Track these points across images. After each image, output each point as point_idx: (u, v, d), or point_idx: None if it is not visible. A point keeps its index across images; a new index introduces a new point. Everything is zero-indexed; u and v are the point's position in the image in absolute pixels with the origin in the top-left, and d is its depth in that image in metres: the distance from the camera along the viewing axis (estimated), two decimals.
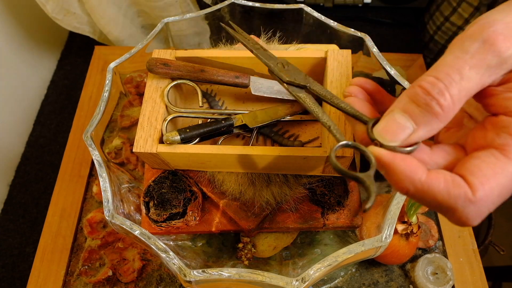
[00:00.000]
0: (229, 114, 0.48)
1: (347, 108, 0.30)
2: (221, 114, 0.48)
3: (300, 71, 0.35)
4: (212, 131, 0.45)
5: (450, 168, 0.26)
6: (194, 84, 0.49)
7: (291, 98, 0.49)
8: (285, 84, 0.35)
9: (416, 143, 0.25)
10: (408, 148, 0.25)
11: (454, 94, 0.23)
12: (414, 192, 0.25)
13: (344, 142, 0.29)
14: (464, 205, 0.23)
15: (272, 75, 0.36)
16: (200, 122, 0.48)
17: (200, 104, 0.48)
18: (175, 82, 0.48)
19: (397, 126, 0.25)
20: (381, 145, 0.26)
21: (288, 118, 0.49)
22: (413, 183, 0.24)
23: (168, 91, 0.47)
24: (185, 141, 0.44)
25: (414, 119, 0.24)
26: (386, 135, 0.25)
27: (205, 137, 0.47)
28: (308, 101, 0.33)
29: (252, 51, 0.38)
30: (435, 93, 0.23)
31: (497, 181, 0.23)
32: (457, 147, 0.28)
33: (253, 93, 0.48)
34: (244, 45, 0.39)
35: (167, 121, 0.45)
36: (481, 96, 0.26)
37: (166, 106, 0.47)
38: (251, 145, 0.49)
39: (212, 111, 0.48)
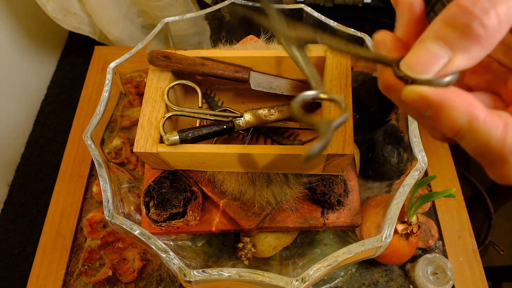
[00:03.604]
0: (228, 116, 0.48)
1: (367, 53, 0.26)
2: (220, 115, 0.48)
3: (308, 28, 0.32)
4: (213, 134, 0.46)
5: None
6: (194, 85, 0.49)
7: (290, 94, 0.50)
8: (282, 41, 0.32)
9: (453, 73, 0.22)
10: (447, 79, 0.21)
11: (501, 12, 0.19)
12: (467, 131, 0.21)
13: (314, 92, 0.27)
14: None
15: (277, 33, 0.32)
16: (198, 122, 0.48)
17: (200, 105, 0.48)
18: (175, 83, 0.48)
19: (429, 55, 0.21)
20: (412, 82, 0.22)
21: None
22: (471, 119, 0.21)
23: (169, 90, 0.47)
24: (184, 142, 0.44)
25: (450, 45, 0.21)
26: (416, 67, 0.21)
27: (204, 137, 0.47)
28: (301, 59, 0.31)
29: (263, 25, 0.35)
30: (477, 11, 0.19)
31: None
32: (493, 95, 0.25)
33: (252, 87, 0.48)
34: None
35: (165, 118, 0.45)
36: None
37: (166, 106, 0.47)
38: (247, 143, 0.49)
39: (210, 112, 0.48)
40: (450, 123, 0.21)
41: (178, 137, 0.43)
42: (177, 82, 0.48)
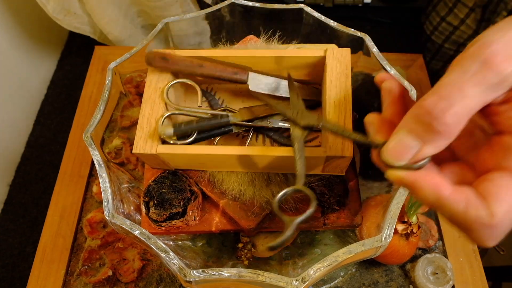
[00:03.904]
0: (223, 115, 0.48)
1: (358, 137, 0.33)
2: (217, 114, 0.48)
3: (313, 114, 0.40)
4: (208, 127, 0.46)
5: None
6: (194, 83, 0.49)
7: (289, 95, 0.50)
8: (291, 129, 0.40)
9: (423, 160, 0.26)
10: (419, 164, 0.26)
11: (457, 112, 0.23)
12: (437, 206, 0.26)
13: (290, 189, 0.34)
14: (481, 228, 0.24)
15: (289, 121, 0.41)
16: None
17: (199, 104, 0.48)
18: (175, 81, 0.48)
19: (403, 146, 0.26)
20: (391, 167, 0.27)
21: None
22: (438, 197, 0.25)
23: (168, 89, 0.47)
24: (179, 135, 0.44)
25: (420, 137, 0.25)
26: (393, 156, 0.26)
27: (203, 136, 0.47)
28: (297, 147, 0.38)
29: (272, 106, 0.44)
30: (437, 112, 0.24)
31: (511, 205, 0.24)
32: (464, 166, 0.29)
33: (251, 89, 0.48)
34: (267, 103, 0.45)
35: (164, 116, 0.45)
36: (486, 114, 0.26)
37: (166, 106, 0.47)
38: (248, 144, 0.49)
39: (210, 111, 0.48)
40: (423, 199, 0.26)
41: (172, 130, 0.43)
42: (177, 80, 0.48)
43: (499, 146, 0.26)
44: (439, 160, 0.28)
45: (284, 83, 0.50)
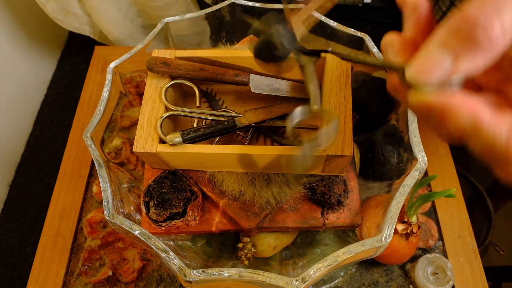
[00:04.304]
0: (227, 116, 0.48)
1: (375, 61, 0.28)
2: (219, 115, 0.48)
3: (320, 38, 0.34)
4: (214, 133, 0.46)
5: None
6: (192, 84, 0.49)
7: (290, 95, 0.50)
8: (296, 57, 0.34)
9: (458, 79, 0.22)
10: (452, 84, 0.22)
11: (505, 20, 0.19)
12: (472, 134, 0.21)
13: (304, 108, 0.29)
14: None
15: (296, 51, 0.34)
16: (195, 122, 0.48)
17: (198, 105, 0.48)
18: (173, 82, 0.48)
19: (433, 63, 0.21)
20: (416, 88, 0.23)
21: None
22: (475, 123, 0.21)
23: (166, 89, 0.47)
24: (187, 142, 0.44)
25: (454, 53, 0.21)
26: (420, 73, 0.22)
27: (203, 136, 0.47)
28: (307, 71, 0.33)
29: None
30: (481, 20, 0.20)
31: None
32: (501, 96, 0.25)
33: (252, 90, 0.48)
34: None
35: (163, 117, 0.45)
36: None
37: (166, 107, 0.47)
38: (247, 144, 0.49)
39: (210, 112, 0.48)
40: (455, 127, 0.22)
41: (180, 138, 0.43)
42: (174, 81, 0.48)
43: None
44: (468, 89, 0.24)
45: (285, 83, 0.50)
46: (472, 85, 0.22)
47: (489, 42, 0.20)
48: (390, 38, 0.26)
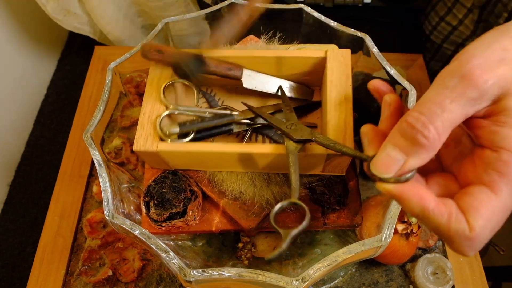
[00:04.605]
0: (226, 114, 0.48)
1: (349, 151, 0.35)
2: (217, 113, 0.48)
3: (306, 128, 0.41)
4: (212, 125, 0.46)
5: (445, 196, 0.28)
6: (190, 83, 0.49)
7: (283, 94, 0.50)
8: (285, 143, 0.42)
9: (410, 171, 0.27)
10: (405, 176, 0.27)
11: (437, 126, 0.25)
12: (422, 217, 0.27)
13: (285, 202, 0.36)
14: (461, 240, 0.26)
15: (284, 136, 0.42)
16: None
17: (196, 103, 0.48)
18: (171, 81, 0.48)
19: (389, 159, 0.27)
20: (379, 179, 0.28)
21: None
22: (423, 209, 0.26)
23: (165, 88, 0.47)
24: (184, 133, 0.45)
25: (405, 151, 0.26)
26: (380, 169, 0.28)
27: (203, 134, 0.47)
28: (291, 160, 0.39)
29: (266, 120, 0.45)
30: (419, 127, 0.25)
31: (490, 219, 0.25)
32: (448, 177, 0.30)
33: (244, 86, 0.48)
34: (259, 115, 0.47)
35: (162, 116, 0.45)
36: (469, 126, 0.28)
37: (165, 105, 0.47)
38: (245, 142, 0.49)
39: (210, 109, 0.48)
40: (409, 210, 0.27)
41: (178, 128, 0.44)
42: (173, 80, 0.48)
43: (481, 160, 0.27)
44: (427, 171, 0.30)
45: (278, 81, 0.50)
46: (433, 162, 0.28)
47: (428, 142, 0.25)
48: (366, 129, 0.32)
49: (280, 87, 0.50)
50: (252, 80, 0.48)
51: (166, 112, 0.45)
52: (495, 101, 0.25)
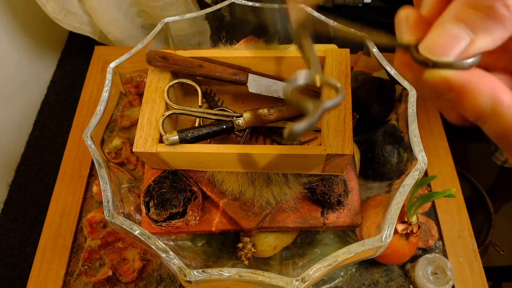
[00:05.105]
0: (228, 116, 0.48)
1: (381, 39, 0.26)
2: (219, 114, 0.48)
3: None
4: (212, 134, 0.46)
5: None
6: (194, 84, 0.49)
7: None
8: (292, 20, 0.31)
9: (475, 55, 0.21)
10: (469, 61, 0.21)
11: None
12: (490, 115, 0.21)
13: (308, 71, 0.26)
14: None
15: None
16: (197, 121, 0.48)
17: (200, 104, 0.48)
18: (176, 81, 0.48)
19: (450, 37, 0.21)
20: (433, 65, 0.21)
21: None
22: (495, 103, 0.20)
23: (169, 89, 0.47)
24: (184, 142, 0.44)
25: (472, 26, 0.20)
26: (437, 50, 0.21)
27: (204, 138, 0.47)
28: (306, 42, 0.30)
29: None
30: None
31: None
32: (511, 77, 0.24)
33: (250, 90, 0.48)
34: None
35: (164, 116, 0.45)
36: None
37: (166, 105, 0.47)
38: (242, 143, 0.49)
39: (210, 111, 0.48)
40: (473, 106, 0.21)
41: (177, 137, 0.43)
42: (178, 80, 0.48)
43: None
44: (489, 67, 0.24)
45: (283, 85, 0.50)
46: (480, 66, 0.22)
47: (509, 14, 0.19)
48: (406, 13, 0.24)
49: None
50: (257, 84, 0.48)
51: (169, 113, 0.45)
52: None
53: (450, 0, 0.23)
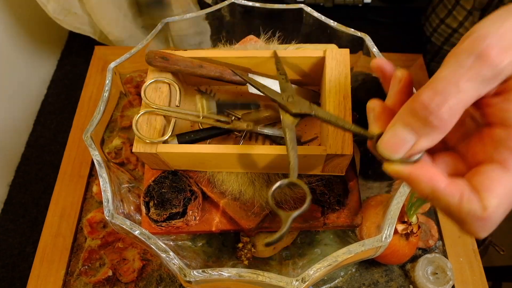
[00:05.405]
0: (227, 115, 0.47)
1: (352, 128, 0.33)
2: (188, 114, 0.47)
3: (305, 101, 0.38)
4: (210, 136, 0.46)
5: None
6: (173, 82, 0.48)
7: None
8: (281, 116, 0.38)
9: (418, 153, 0.26)
10: (415, 157, 0.26)
11: (451, 106, 0.24)
12: (432, 198, 0.26)
13: (285, 181, 0.33)
14: (473, 220, 0.25)
15: (280, 109, 0.39)
16: (173, 120, 0.47)
17: (177, 104, 0.47)
18: (153, 80, 0.47)
19: (399, 140, 0.26)
20: (387, 160, 0.27)
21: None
22: (433, 189, 0.26)
23: (146, 86, 0.46)
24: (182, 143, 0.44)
25: (415, 131, 0.25)
26: (389, 149, 0.27)
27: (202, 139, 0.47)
28: (288, 137, 0.36)
29: (259, 90, 0.41)
30: (433, 107, 0.24)
31: (503, 197, 0.24)
32: (455, 156, 0.29)
33: (250, 91, 0.48)
34: (252, 85, 0.43)
35: (139, 115, 0.44)
36: (478, 105, 0.27)
37: (145, 103, 0.46)
38: (241, 143, 0.49)
39: (185, 111, 0.48)
40: (419, 191, 0.26)
41: (177, 142, 0.44)
42: (155, 79, 0.47)
43: (490, 138, 0.26)
44: (431, 150, 0.29)
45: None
46: (438, 142, 0.27)
47: (441, 123, 0.24)
48: (373, 104, 0.30)
49: (274, 52, 0.47)
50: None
51: (143, 111, 0.45)
52: (507, 79, 0.24)
53: (408, 92, 0.29)
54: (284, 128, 0.37)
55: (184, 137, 0.45)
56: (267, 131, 0.48)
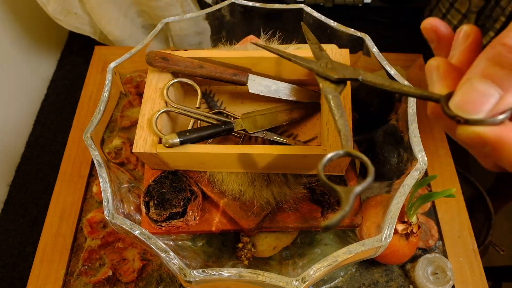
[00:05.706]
0: (226, 116, 0.48)
1: (411, 90, 0.27)
2: (215, 118, 0.47)
3: (347, 65, 0.33)
4: (211, 135, 0.46)
5: None
6: (194, 84, 0.49)
7: (288, 98, 0.50)
8: (320, 85, 0.33)
9: (505, 111, 0.22)
10: (500, 117, 0.21)
11: None
12: None
13: (340, 151, 0.27)
14: None
15: (318, 77, 0.34)
16: (191, 122, 0.48)
17: (197, 105, 0.48)
18: (176, 80, 0.48)
19: (479, 95, 0.21)
20: (465, 121, 0.22)
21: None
22: None
23: (169, 87, 0.47)
24: (184, 143, 0.44)
25: (500, 83, 0.21)
26: (467, 108, 0.21)
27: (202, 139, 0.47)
28: (333, 103, 0.31)
29: (290, 59, 0.38)
30: None
31: None
32: None
33: (250, 91, 0.48)
34: (279, 55, 0.39)
35: (159, 112, 0.45)
36: None
37: (166, 104, 0.47)
38: (241, 143, 0.49)
39: (210, 115, 0.48)
40: (508, 159, 0.21)
41: (178, 140, 0.43)
42: (178, 79, 0.48)
43: None
44: None
45: (283, 85, 0.50)
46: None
47: None
48: (436, 62, 0.25)
49: (302, 24, 0.43)
50: (258, 85, 0.48)
51: (164, 109, 0.45)
52: None
53: (477, 49, 0.24)
54: (327, 95, 0.32)
55: (185, 135, 0.45)
56: (265, 136, 0.48)
